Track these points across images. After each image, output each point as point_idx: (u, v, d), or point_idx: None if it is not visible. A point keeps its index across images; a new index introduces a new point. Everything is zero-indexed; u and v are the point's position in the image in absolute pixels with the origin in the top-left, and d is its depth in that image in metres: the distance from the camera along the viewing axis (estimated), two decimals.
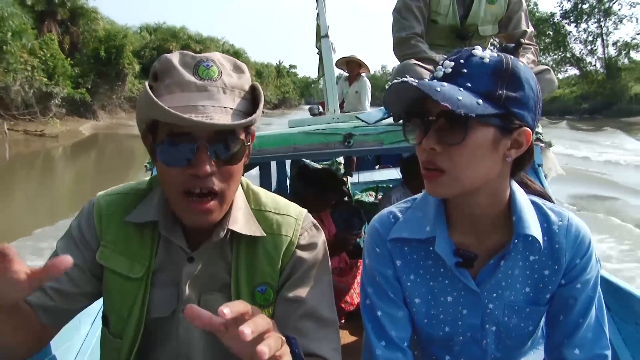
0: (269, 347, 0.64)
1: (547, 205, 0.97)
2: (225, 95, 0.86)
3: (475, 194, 0.88)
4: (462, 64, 0.83)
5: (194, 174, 0.84)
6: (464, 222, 0.94)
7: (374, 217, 1.05)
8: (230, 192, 0.91)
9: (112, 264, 0.96)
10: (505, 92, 0.82)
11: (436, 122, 0.83)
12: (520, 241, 0.93)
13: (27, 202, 9.10)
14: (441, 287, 0.98)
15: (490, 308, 0.97)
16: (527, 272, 0.95)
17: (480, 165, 0.84)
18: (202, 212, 0.87)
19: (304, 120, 2.36)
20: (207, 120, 0.81)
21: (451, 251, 0.93)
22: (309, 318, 0.96)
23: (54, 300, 0.95)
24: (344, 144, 1.71)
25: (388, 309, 1.00)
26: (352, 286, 2.54)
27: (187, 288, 0.96)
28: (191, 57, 0.87)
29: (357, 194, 4.11)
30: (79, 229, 0.99)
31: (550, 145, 1.83)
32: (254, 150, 1.65)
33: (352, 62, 5.37)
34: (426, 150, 0.84)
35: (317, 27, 2.61)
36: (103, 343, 1.04)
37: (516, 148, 0.86)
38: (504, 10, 2.26)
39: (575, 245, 0.94)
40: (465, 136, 0.81)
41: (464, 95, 0.79)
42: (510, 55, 0.85)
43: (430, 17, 2.25)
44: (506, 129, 0.84)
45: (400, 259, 0.99)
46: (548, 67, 2.05)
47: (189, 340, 0.98)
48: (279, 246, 0.98)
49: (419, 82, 0.80)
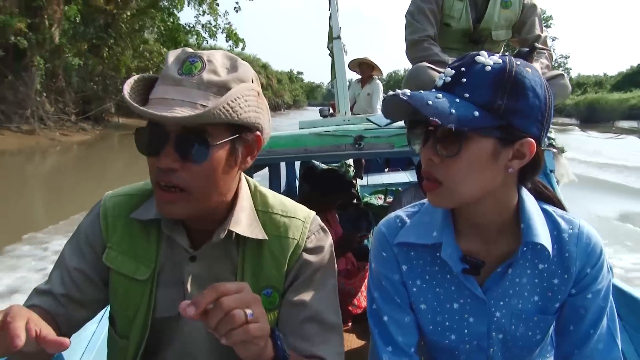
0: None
1: (558, 213, 0.95)
2: (200, 92, 0.83)
3: (481, 203, 0.87)
4: (462, 73, 0.81)
5: (157, 166, 0.84)
6: (471, 229, 0.93)
7: (381, 220, 1.04)
8: (202, 190, 0.86)
9: (118, 265, 0.96)
10: (505, 102, 0.79)
11: (435, 133, 0.82)
12: (528, 249, 0.91)
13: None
14: (447, 294, 0.97)
15: (497, 316, 0.95)
16: (536, 281, 0.94)
17: (478, 177, 0.82)
18: (164, 202, 0.86)
19: (314, 122, 2.36)
20: (167, 113, 0.78)
21: (458, 258, 0.92)
22: (312, 322, 0.95)
23: (65, 307, 0.96)
24: (354, 146, 1.70)
25: (394, 314, 0.99)
26: (360, 289, 2.53)
27: (192, 288, 0.96)
28: (184, 52, 0.87)
29: (366, 197, 4.11)
30: (85, 233, 0.99)
31: (563, 151, 1.81)
32: (265, 151, 1.65)
33: (364, 63, 5.38)
34: (425, 160, 0.84)
35: (329, 28, 2.62)
36: (110, 343, 1.05)
37: (519, 159, 0.84)
38: (518, 15, 2.24)
39: (586, 254, 0.92)
40: (460, 149, 0.79)
41: (460, 107, 0.78)
42: (518, 61, 0.82)
43: (443, 21, 2.24)
44: (507, 140, 0.81)
45: (406, 264, 0.99)
46: (562, 73, 2.03)
47: (194, 340, 0.98)
48: (285, 249, 0.97)
49: (411, 96, 0.78)
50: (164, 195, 0.86)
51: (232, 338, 0.71)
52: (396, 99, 0.80)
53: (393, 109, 0.87)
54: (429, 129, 0.83)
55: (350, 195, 3.41)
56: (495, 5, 2.20)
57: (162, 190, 0.86)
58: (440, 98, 0.78)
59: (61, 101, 17.05)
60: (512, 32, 2.29)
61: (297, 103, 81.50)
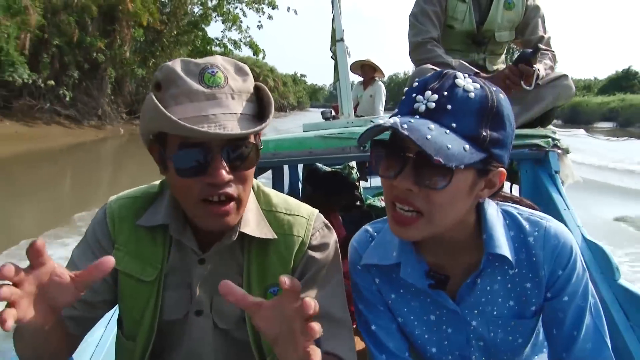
0: (315, 303, 0.67)
1: (524, 215, 0.92)
2: (234, 101, 0.85)
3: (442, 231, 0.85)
4: (446, 98, 0.77)
5: (212, 182, 0.83)
6: (434, 245, 0.92)
7: (355, 234, 1.04)
8: (246, 194, 0.91)
9: (124, 266, 0.97)
10: (489, 134, 0.78)
11: (416, 161, 0.78)
12: (493, 258, 0.89)
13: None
14: (422, 306, 0.97)
15: (473, 325, 0.94)
16: (509, 286, 0.92)
17: (455, 208, 0.82)
18: (221, 215, 0.87)
19: (318, 125, 2.36)
20: (221, 130, 0.80)
21: (421, 275, 0.91)
22: (321, 319, 0.94)
23: (77, 309, 0.96)
24: (359, 149, 1.71)
25: (381, 322, 0.99)
26: None
27: (199, 290, 0.96)
28: (194, 64, 0.85)
29: (369, 199, 4.10)
30: (94, 235, 0.99)
31: (567, 151, 1.80)
32: (270, 154, 1.66)
33: (366, 65, 5.38)
34: (398, 188, 0.80)
35: (332, 30, 2.61)
36: (117, 345, 1.05)
37: (489, 188, 0.84)
38: (521, 16, 2.24)
39: (554, 256, 0.89)
40: (450, 181, 0.77)
41: (452, 141, 0.75)
42: (493, 87, 0.80)
43: (446, 22, 2.24)
44: (484, 170, 0.81)
45: (378, 277, 0.99)
46: (565, 74, 2.02)
47: (201, 342, 0.98)
48: (290, 247, 0.97)
49: (409, 128, 0.74)
50: (219, 209, 0.86)
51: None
52: (395, 129, 0.76)
53: (374, 135, 0.84)
54: (407, 156, 0.78)
55: (353, 197, 3.40)
56: (499, 6, 2.20)
57: (216, 204, 0.86)
58: (433, 130, 0.75)
59: (115, 102, 21.74)
60: (515, 33, 2.29)
61: (300, 104, 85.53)
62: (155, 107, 0.79)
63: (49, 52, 17.00)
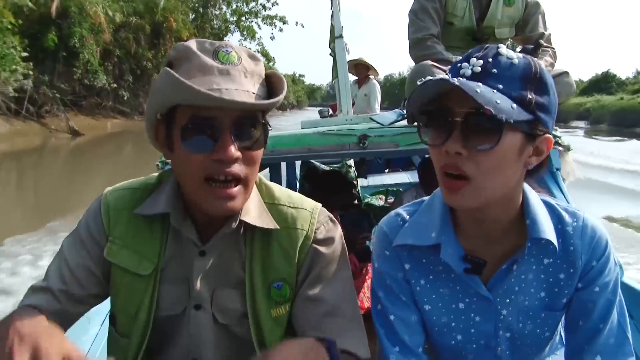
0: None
1: (562, 206, 0.93)
2: (247, 80, 0.84)
3: (491, 203, 0.85)
4: (490, 64, 0.79)
5: (220, 159, 0.82)
6: (473, 227, 0.91)
7: (382, 219, 1.02)
8: (253, 178, 0.89)
9: (120, 260, 0.94)
10: (534, 97, 0.78)
11: (464, 124, 0.78)
12: (533, 245, 0.89)
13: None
14: (452, 294, 0.95)
15: (503, 314, 0.93)
16: (542, 276, 0.92)
17: (505, 173, 0.81)
18: (225, 198, 0.85)
19: (317, 122, 2.34)
20: (236, 99, 0.79)
21: (459, 258, 0.90)
22: (333, 316, 0.93)
23: (61, 302, 0.93)
24: (359, 145, 1.68)
25: (400, 313, 0.97)
26: (362, 290, 2.51)
27: (199, 283, 0.94)
28: (209, 43, 0.85)
29: (367, 197, 4.09)
30: (86, 227, 0.97)
31: (569, 149, 1.79)
32: (268, 151, 1.63)
33: (360, 64, 5.39)
34: (449, 153, 0.79)
35: (331, 27, 2.60)
36: (110, 343, 1.02)
37: (537, 155, 0.83)
38: (521, 12, 2.23)
39: (591, 247, 0.90)
40: (499, 142, 0.76)
41: (500, 98, 0.75)
42: (534, 58, 0.82)
43: (446, 19, 2.23)
44: (532, 135, 0.80)
45: (408, 263, 0.97)
46: (566, 71, 2.01)
47: (199, 338, 0.95)
48: (294, 240, 0.95)
49: (460, 82, 0.75)
50: (224, 191, 0.85)
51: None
52: (445, 82, 0.77)
53: (418, 96, 0.83)
54: (454, 120, 0.79)
55: (351, 196, 3.39)
56: (498, 3, 2.19)
57: (221, 184, 0.85)
58: (481, 87, 0.76)
59: None
60: (515, 30, 2.28)
61: (299, 104, 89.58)
62: (170, 77, 0.78)
63: (112, 61, 22.37)
